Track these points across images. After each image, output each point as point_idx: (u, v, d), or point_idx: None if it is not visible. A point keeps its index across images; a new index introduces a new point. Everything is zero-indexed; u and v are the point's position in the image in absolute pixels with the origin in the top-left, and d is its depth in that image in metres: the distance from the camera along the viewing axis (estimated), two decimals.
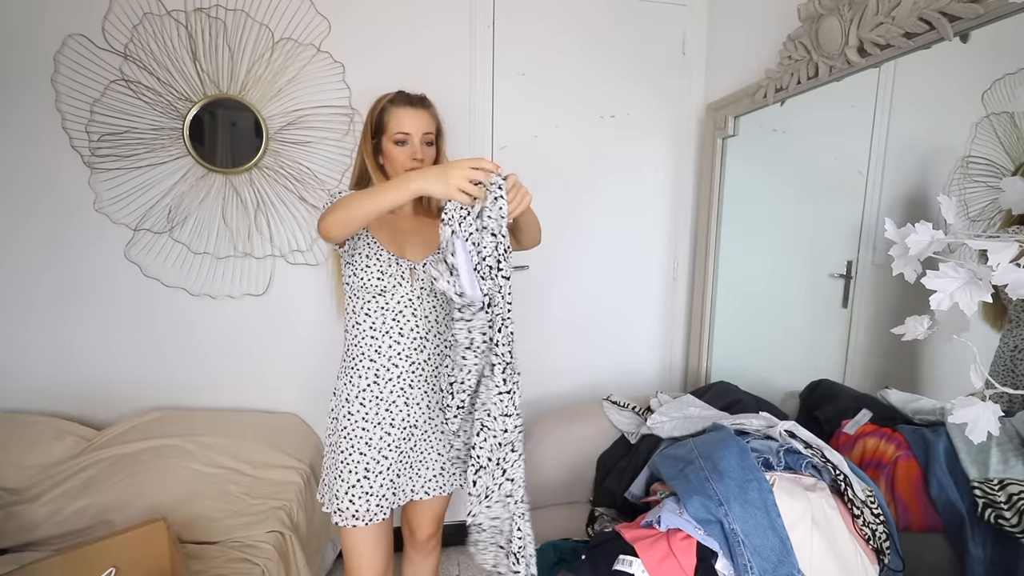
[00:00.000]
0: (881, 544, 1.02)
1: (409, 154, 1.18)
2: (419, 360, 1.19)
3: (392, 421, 1.18)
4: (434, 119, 1.23)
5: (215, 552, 1.34)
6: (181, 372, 1.77)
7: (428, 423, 1.22)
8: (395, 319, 1.17)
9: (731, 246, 1.83)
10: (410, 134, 1.18)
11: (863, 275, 1.42)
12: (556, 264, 1.97)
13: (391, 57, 1.76)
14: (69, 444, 1.55)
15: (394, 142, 1.18)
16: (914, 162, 1.34)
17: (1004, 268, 0.66)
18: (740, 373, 1.73)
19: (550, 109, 1.89)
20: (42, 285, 1.65)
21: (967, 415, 0.70)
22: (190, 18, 1.62)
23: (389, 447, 1.18)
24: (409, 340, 1.18)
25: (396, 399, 1.17)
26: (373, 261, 1.15)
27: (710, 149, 1.84)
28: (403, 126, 1.18)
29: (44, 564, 1.11)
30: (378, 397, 1.17)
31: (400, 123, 1.18)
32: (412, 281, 1.18)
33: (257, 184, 1.72)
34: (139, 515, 1.35)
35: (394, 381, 1.17)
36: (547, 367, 2.03)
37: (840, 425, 1.31)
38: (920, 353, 1.30)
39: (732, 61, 1.84)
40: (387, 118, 1.20)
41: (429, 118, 1.22)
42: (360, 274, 1.15)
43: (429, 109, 1.23)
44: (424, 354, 1.20)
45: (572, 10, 1.86)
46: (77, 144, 1.60)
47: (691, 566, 0.92)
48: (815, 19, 1.33)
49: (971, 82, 1.13)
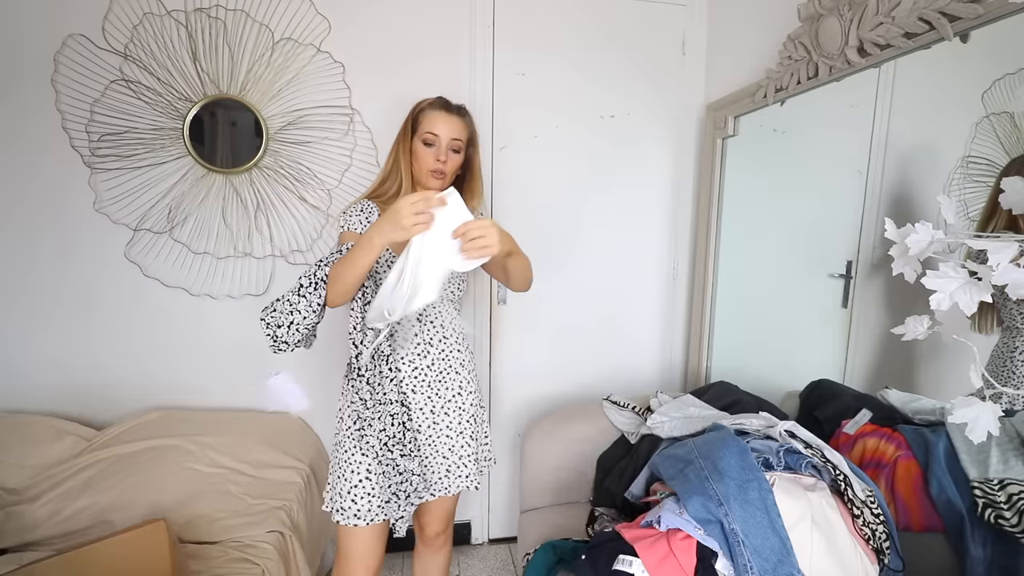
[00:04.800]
0: (881, 544, 1.02)
1: (434, 155, 1.22)
2: (422, 366, 1.21)
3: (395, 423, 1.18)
4: (467, 128, 1.27)
5: (215, 552, 1.34)
6: (181, 372, 1.77)
7: (432, 428, 1.22)
8: (399, 321, 1.16)
9: (731, 246, 1.83)
10: (439, 136, 1.22)
11: (863, 275, 1.42)
12: (556, 264, 1.97)
13: (391, 57, 1.76)
14: (69, 444, 1.55)
15: (423, 142, 1.22)
16: (914, 162, 1.34)
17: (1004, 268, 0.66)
18: (740, 373, 1.73)
19: (550, 109, 1.89)
20: (42, 285, 1.65)
21: (967, 415, 0.70)
22: (190, 18, 1.62)
23: (391, 450, 1.18)
24: (411, 345, 1.19)
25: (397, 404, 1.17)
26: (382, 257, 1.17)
27: (710, 149, 1.84)
28: (434, 127, 1.22)
29: (44, 564, 1.11)
30: (380, 401, 1.16)
31: (432, 125, 1.22)
32: None
33: (257, 184, 1.72)
34: (139, 515, 1.35)
35: (397, 384, 1.17)
36: (547, 367, 2.03)
37: (840, 425, 1.31)
38: (920, 353, 1.30)
39: (732, 61, 1.84)
40: (422, 119, 1.24)
41: (462, 126, 1.25)
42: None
43: (464, 117, 1.27)
44: (428, 359, 1.21)
45: (572, 10, 1.86)
46: (77, 144, 1.60)
47: (691, 566, 0.92)
48: (815, 19, 1.33)
49: (971, 82, 1.12)
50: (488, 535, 2.10)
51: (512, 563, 1.97)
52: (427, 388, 1.21)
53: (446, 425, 1.25)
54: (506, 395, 2.02)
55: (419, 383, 1.20)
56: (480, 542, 2.10)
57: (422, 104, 1.26)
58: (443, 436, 1.24)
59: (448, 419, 1.25)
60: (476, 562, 1.98)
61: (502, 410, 2.03)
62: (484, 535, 2.10)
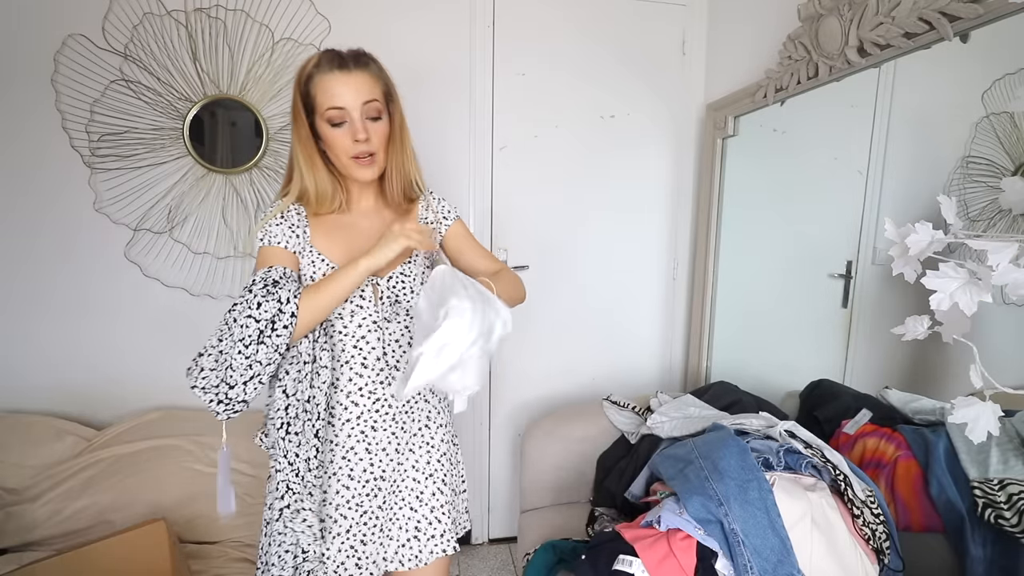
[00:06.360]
0: (881, 544, 1.02)
1: (350, 135, 0.91)
2: (384, 396, 0.98)
3: (351, 472, 0.96)
4: (379, 80, 0.93)
5: (215, 552, 1.34)
6: (182, 372, 1.75)
7: (397, 471, 1.00)
8: (356, 346, 0.96)
9: (731, 246, 1.83)
10: (345, 108, 0.89)
11: (863, 275, 1.42)
12: (556, 264, 1.97)
13: (391, 57, 1.75)
14: (69, 444, 1.55)
15: (328, 122, 0.90)
16: (914, 162, 1.34)
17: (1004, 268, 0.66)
18: (740, 373, 1.73)
19: (550, 109, 1.89)
20: (42, 285, 1.65)
21: (967, 415, 0.70)
22: (190, 18, 1.62)
23: (348, 504, 0.96)
24: (373, 372, 0.96)
25: (355, 444, 0.96)
26: None
27: (710, 149, 1.84)
28: (334, 98, 0.88)
29: (44, 564, 1.11)
30: (332, 443, 0.95)
31: (330, 95, 0.89)
32: (375, 300, 0.97)
33: (257, 184, 1.72)
34: (139, 515, 1.35)
35: (352, 423, 0.96)
36: (547, 367, 2.03)
37: (840, 425, 1.31)
38: (920, 353, 1.30)
39: (732, 61, 1.84)
40: (314, 91, 0.90)
41: (371, 81, 0.91)
42: None
43: (368, 68, 0.92)
44: (392, 388, 0.97)
45: (572, 10, 1.86)
46: (77, 144, 1.60)
47: (691, 566, 0.92)
48: (815, 19, 1.33)
49: (971, 82, 1.12)
50: (488, 535, 2.10)
51: (512, 563, 1.97)
52: (391, 423, 0.99)
53: (411, 466, 1.01)
54: (506, 395, 2.02)
55: (381, 418, 0.98)
56: (480, 542, 2.10)
57: (306, 68, 0.91)
58: (409, 482, 1.01)
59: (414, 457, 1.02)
60: (476, 562, 1.98)
61: (502, 410, 2.02)
62: (484, 535, 2.10)
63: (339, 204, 0.99)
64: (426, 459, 1.03)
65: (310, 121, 0.93)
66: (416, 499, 1.01)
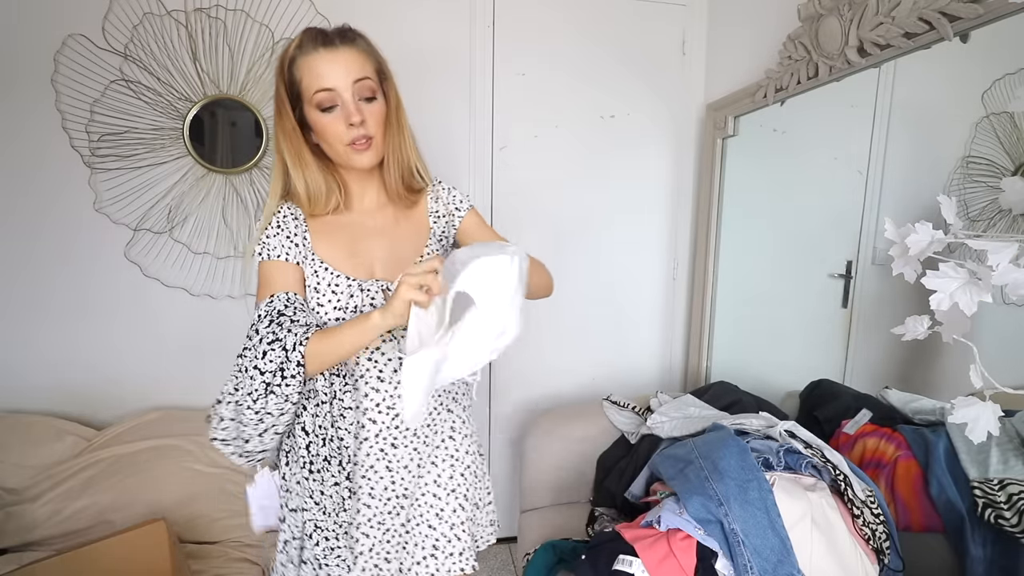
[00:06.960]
0: (881, 544, 1.02)
1: (343, 120, 0.82)
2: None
3: (371, 491, 0.91)
4: (370, 56, 0.87)
5: (215, 552, 1.34)
6: (181, 372, 1.77)
7: (418, 486, 0.95)
8: (371, 359, 0.89)
9: (731, 246, 1.83)
10: (335, 89, 0.81)
11: (863, 275, 1.42)
12: (555, 264, 1.96)
13: (390, 57, 1.75)
14: (69, 444, 1.55)
15: (317, 107, 0.82)
16: (914, 162, 1.34)
17: (1004, 268, 0.66)
18: (740, 373, 1.73)
19: (550, 109, 1.89)
20: (42, 285, 1.65)
21: (967, 415, 0.70)
22: (190, 18, 1.62)
23: (370, 523, 0.92)
24: (391, 387, 0.89)
25: (375, 463, 0.91)
26: (326, 295, 0.86)
27: (710, 149, 1.84)
28: (322, 79, 0.80)
29: (44, 564, 1.11)
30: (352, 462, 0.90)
31: (316, 75, 0.80)
32: None
33: (257, 184, 1.72)
34: (139, 515, 1.35)
35: (371, 441, 0.90)
36: (547, 367, 2.03)
37: (840, 425, 1.31)
38: (920, 353, 1.30)
39: (732, 61, 1.84)
40: (298, 73, 0.82)
41: (360, 57, 0.84)
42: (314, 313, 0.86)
43: (356, 44, 0.85)
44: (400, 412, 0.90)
45: (572, 10, 1.86)
46: (77, 144, 1.60)
47: (691, 566, 0.92)
48: (815, 19, 1.33)
49: (971, 82, 1.13)
50: None
51: (512, 563, 1.97)
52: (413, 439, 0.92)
53: (432, 481, 0.96)
54: (506, 395, 2.02)
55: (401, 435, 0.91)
56: None
57: (288, 52, 0.83)
58: (429, 497, 0.96)
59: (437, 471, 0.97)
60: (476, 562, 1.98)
61: (502, 410, 2.02)
62: None
63: (336, 203, 0.91)
64: (449, 473, 0.97)
65: (299, 112, 0.85)
66: (436, 516, 0.96)
